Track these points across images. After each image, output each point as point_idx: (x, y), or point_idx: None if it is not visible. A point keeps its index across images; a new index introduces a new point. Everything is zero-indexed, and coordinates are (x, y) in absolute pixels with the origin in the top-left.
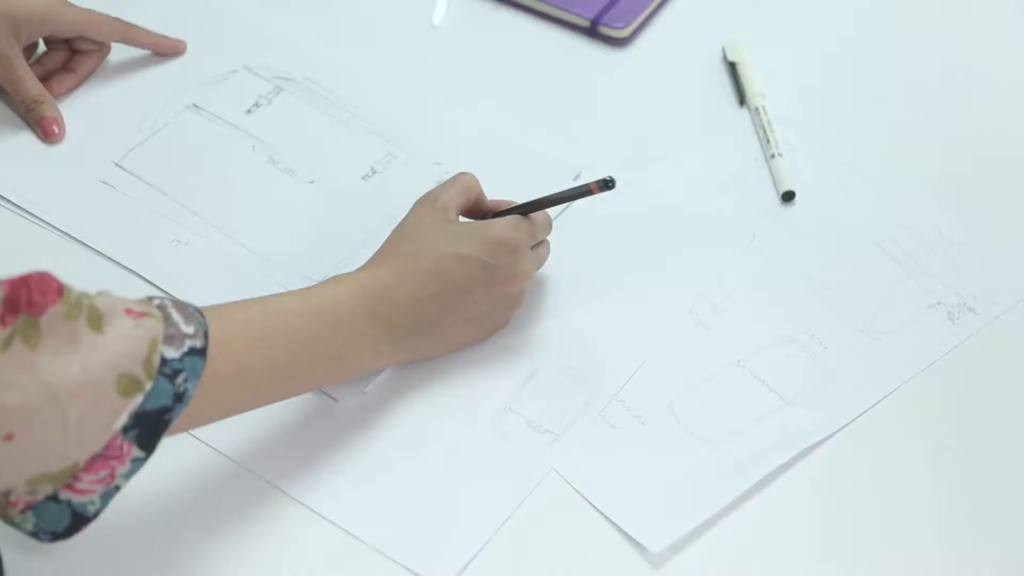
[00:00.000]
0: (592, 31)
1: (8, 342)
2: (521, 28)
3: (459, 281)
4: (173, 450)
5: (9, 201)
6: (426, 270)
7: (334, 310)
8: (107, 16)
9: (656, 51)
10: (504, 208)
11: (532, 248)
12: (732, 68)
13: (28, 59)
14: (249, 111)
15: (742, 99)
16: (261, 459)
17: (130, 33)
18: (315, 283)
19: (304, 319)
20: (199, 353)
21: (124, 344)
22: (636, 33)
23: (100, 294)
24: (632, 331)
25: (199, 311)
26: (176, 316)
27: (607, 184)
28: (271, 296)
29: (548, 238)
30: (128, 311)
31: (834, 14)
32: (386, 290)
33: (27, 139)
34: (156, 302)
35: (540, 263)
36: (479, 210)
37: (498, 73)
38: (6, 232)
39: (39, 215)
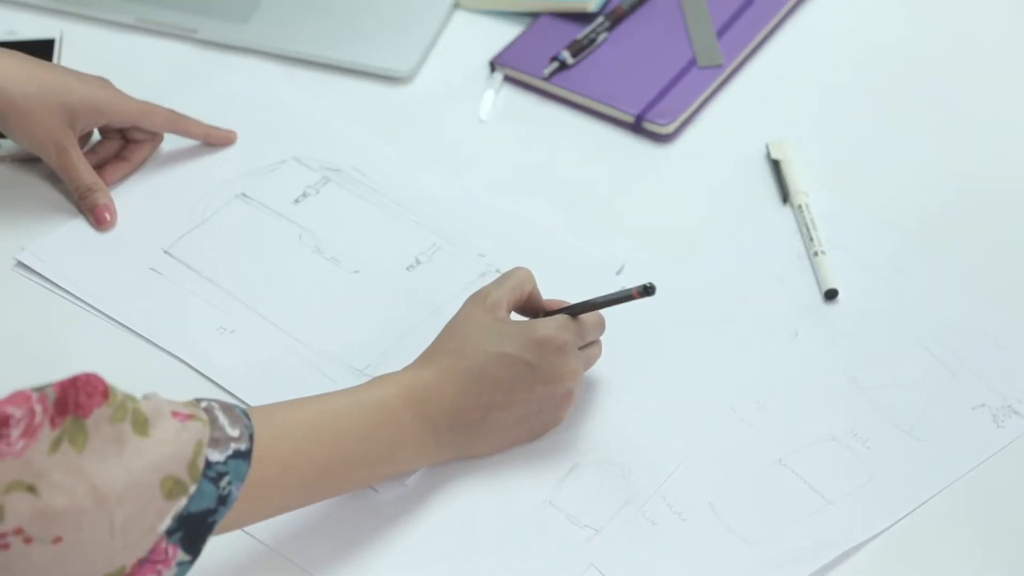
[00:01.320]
0: (636, 126)
1: (57, 444)
2: (566, 123)
3: (503, 381)
4: (211, 537)
5: (59, 287)
6: (470, 369)
7: (381, 411)
8: (161, 107)
9: (700, 147)
10: (556, 308)
11: (581, 348)
12: (775, 165)
13: (83, 147)
14: (297, 201)
15: (785, 196)
16: (299, 547)
17: (182, 124)
18: (362, 382)
19: (351, 420)
20: (244, 456)
21: (169, 447)
22: (680, 129)
23: (147, 396)
24: (674, 427)
25: (246, 413)
26: (222, 419)
27: (647, 290)
28: (318, 396)
29: (600, 338)
30: (175, 413)
31: (879, 113)
32: (432, 390)
33: (80, 226)
34: (203, 404)
35: (589, 363)
36: (532, 306)
37: (543, 166)
38: (56, 317)
39: (88, 301)
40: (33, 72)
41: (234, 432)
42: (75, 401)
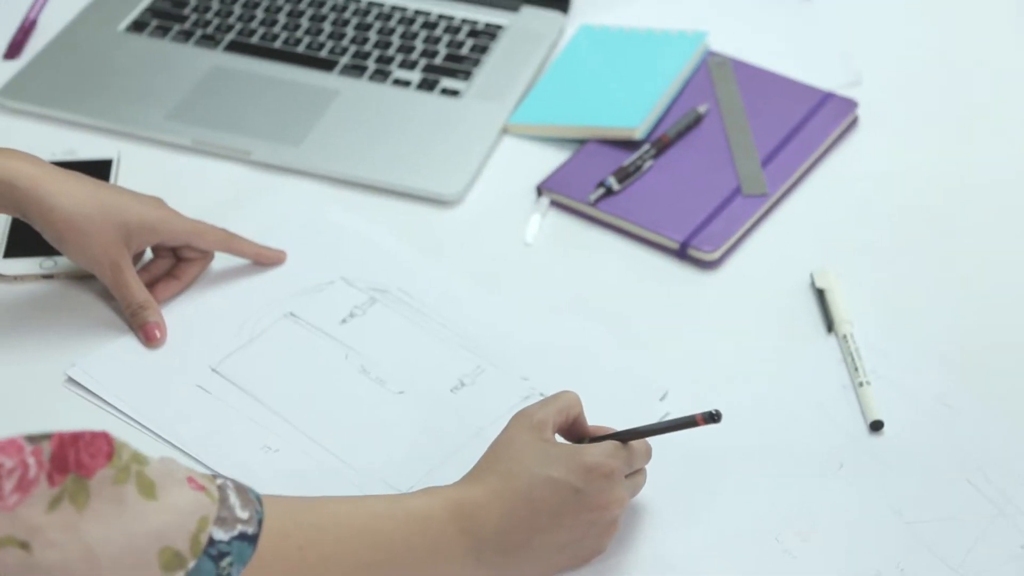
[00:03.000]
0: (681, 253)
1: (56, 502)
2: (611, 247)
3: (549, 505)
4: None
5: (106, 402)
6: (517, 491)
7: (424, 520)
8: (213, 227)
9: (744, 275)
10: (602, 434)
11: (627, 476)
12: (820, 294)
13: (136, 265)
14: (344, 321)
15: (830, 326)
16: None
17: (234, 243)
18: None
19: (390, 522)
20: (250, 540)
21: (173, 516)
22: (725, 256)
23: (162, 459)
24: (717, 557)
25: (259, 498)
26: (233, 499)
27: (713, 417)
28: (361, 496)
29: (646, 467)
30: (190, 480)
31: (924, 243)
32: (478, 508)
33: (129, 342)
34: (219, 481)
35: (635, 491)
36: (577, 432)
37: (587, 291)
38: None
39: (135, 417)
40: (92, 192)
41: (243, 514)
42: (76, 459)
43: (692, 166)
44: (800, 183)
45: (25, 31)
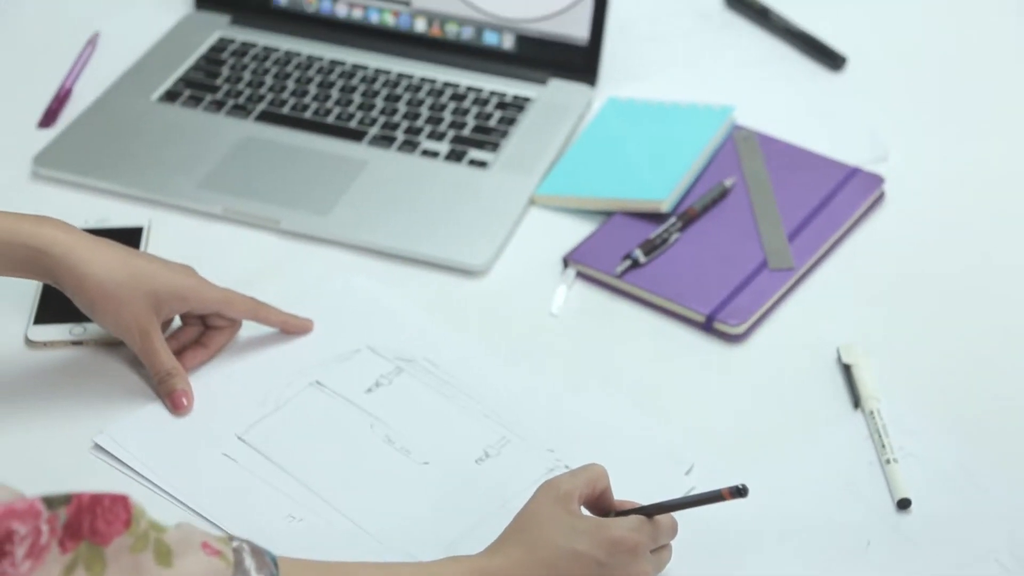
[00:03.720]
0: (707, 326)
1: (70, 570)
2: (637, 320)
3: None
4: None
5: (132, 469)
6: (541, 562)
7: None
8: (242, 295)
9: (770, 349)
10: (628, 508)
11: (652, 551)
12: (846, 370)
13: (164, 332)
14: (370, 390)
15: (856, 401)
16: None
17: (262, 312)
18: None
19: None
20: None
21: None
22: (751, 330)
23: (178, 526)
24: None
25: (275, 561)
26: (249, 562)
27: (739, 492)
28: (387, 563)
29: (671, 542)
30: (205, 545)
31: (952, 319)
32: None
33: (156, 409)
34: (235, 544)
35: (660, 567)
36: (603, 505)
37: (613, 363)
38: None
39: (160, 484)
40: (124, 260)
41: None
42: (91, 526)
43: (718, 239)
44: (826, 257)
45: (60, 100)
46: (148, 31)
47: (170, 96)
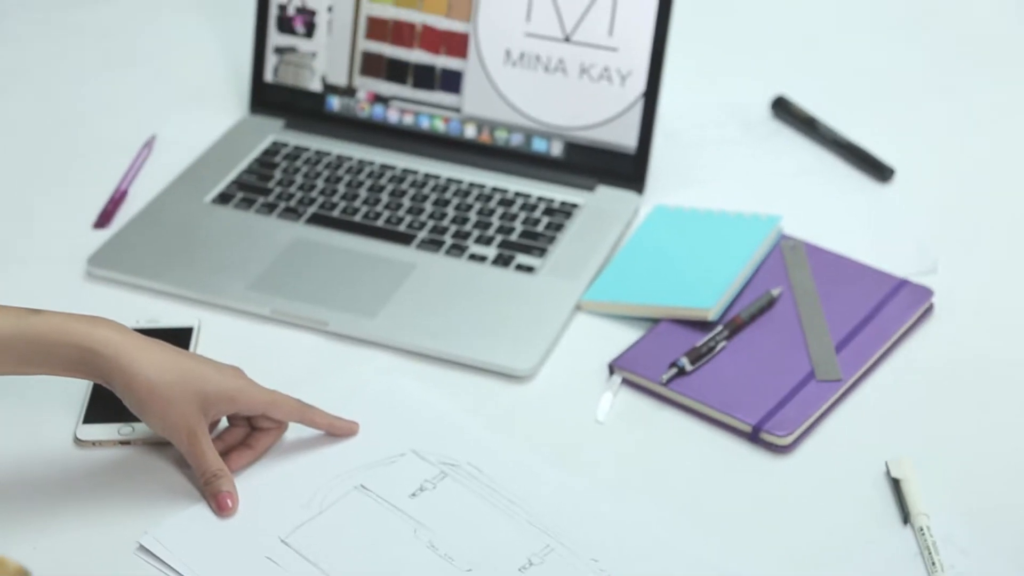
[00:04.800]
0: (754, 436)
1: None
2: (683, 428)
3: None
4: None
5: (176, 572)
6: None
7: None
8: (289, 397)
9: (818, 461)
10: None
11: None
12: (895, 484)
13: (211, 432)
14: (414, 495)
15: (906, 517)
16: None
17: (308, 414)
18: None
19: None
20: None
21: None
22: (798, 441)
23: None
24: None
25: None
26: None
27: None
28: None
29: None
30: None
31: (1005, 432)
32: None
33: (202, 511)
34: None
35: None
36: None
37: (658, 472)
38: None
39: None
40: (174, 360)
41: None
42: None
43: (765, 349)
44: (874, 369)
45: (116, 201)
46: (204, 134)
47: (223, 198)
